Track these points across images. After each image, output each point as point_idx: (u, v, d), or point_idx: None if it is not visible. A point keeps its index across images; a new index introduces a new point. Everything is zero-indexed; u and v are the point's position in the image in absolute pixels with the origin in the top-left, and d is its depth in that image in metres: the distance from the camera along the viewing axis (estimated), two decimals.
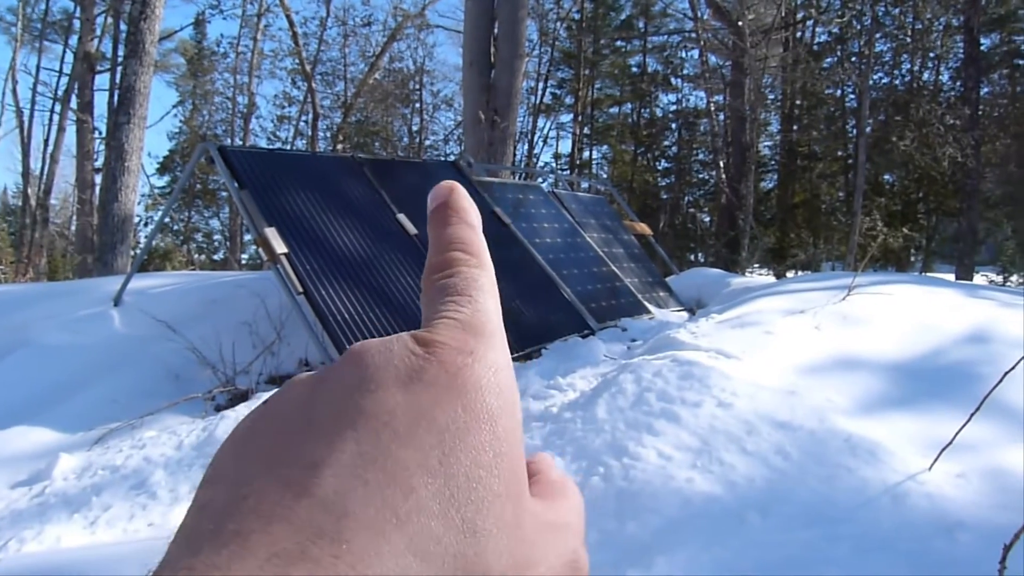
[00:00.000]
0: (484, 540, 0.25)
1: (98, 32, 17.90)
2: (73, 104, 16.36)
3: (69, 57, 19.56)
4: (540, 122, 27.45)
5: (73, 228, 21.32)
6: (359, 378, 0.27)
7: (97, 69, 16.25)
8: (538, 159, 27.96)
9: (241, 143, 23.20)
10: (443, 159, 10.55)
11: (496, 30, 10.46)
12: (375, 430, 0.25)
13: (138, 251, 10.51)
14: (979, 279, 16.85)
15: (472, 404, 0.27)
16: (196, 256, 24.89)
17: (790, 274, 16.24)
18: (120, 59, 12.85)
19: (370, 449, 0.25)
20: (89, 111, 15.77)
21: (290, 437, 0.26)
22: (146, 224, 20.48)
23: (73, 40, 18.79)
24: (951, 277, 14.76)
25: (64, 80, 19.71)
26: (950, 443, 2.77)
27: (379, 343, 0.29)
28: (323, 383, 0.28)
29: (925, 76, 21.57)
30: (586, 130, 29.12)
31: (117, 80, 13.10)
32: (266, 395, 3.79)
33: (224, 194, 23.38)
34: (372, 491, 0.23)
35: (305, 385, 0.29)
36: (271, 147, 20.86)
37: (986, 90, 20.02)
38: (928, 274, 17.41)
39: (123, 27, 14.84)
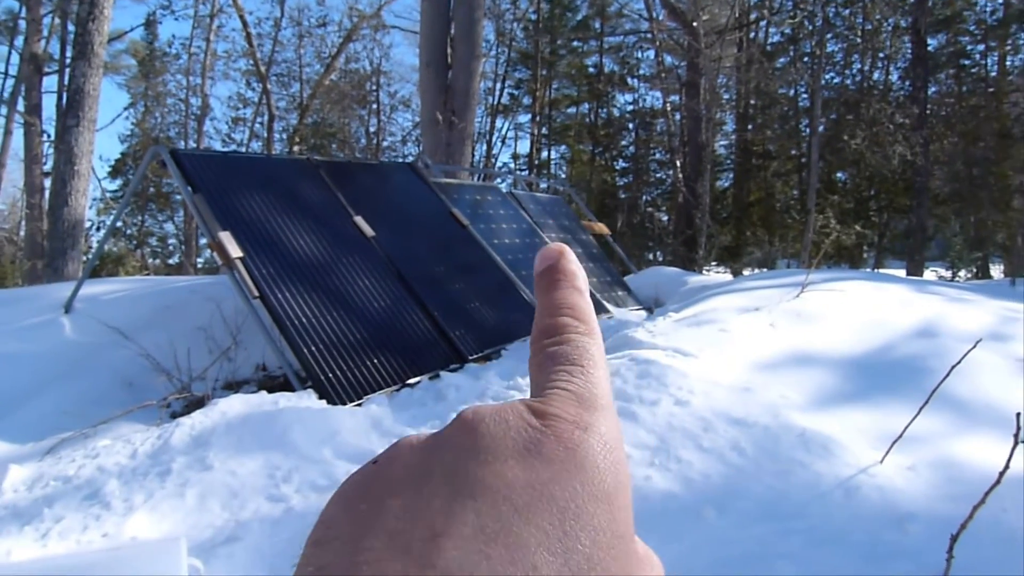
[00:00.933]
0: None
1: (45, 33, 17.50)
2: (20, 107, 15.92)
3: (15, 59, 19.06)
4: (498, 122, 27.48)
5: (22, 233, 20.80)
6: (475, 447, 0.27)
7: (45, 71, 15.88)
8: (496, 159, 27.98)
9: (195, 145, 22.86)
10: (400, 160, 10.50)
11: (452, 31, 10.44)
12: (494, 503, 0.25)
13: (89, 256, 10.31)
14: (929, 274, 17.28)
15: (589, 482, 0.27)
16: (151, 260, 24.46)
17: (746, 272, 16.44)
18: (68, 61, 12.57)
19: (491, 523, 0.24)
20: (37, 114, 15.39)
21: (406, 502, 0.26)
22: (98, 229, 20.02)
23: (19, 41, 18.31)
24: (902, 273, 15.09)
25: (10, 82, 19.18)
26: (900, 436, 2.83)
27: (493, 411, 0.29)
28: (436, 448, 0.28)
29: (875, 76, 22.09)
30: (544, 130, 29.22)
31: (66, 82, 12.82)
32: (222, 401, 3.71)
33: (178, 197, 23.01)
34: (495, 567, 0.23)
35: (417, 450, 0.28)
36: (225, 150, 20.63)
37: (933, 90, 20.52)
38: (880, 270, 17.78)
39: (71, 28, 14.52)
